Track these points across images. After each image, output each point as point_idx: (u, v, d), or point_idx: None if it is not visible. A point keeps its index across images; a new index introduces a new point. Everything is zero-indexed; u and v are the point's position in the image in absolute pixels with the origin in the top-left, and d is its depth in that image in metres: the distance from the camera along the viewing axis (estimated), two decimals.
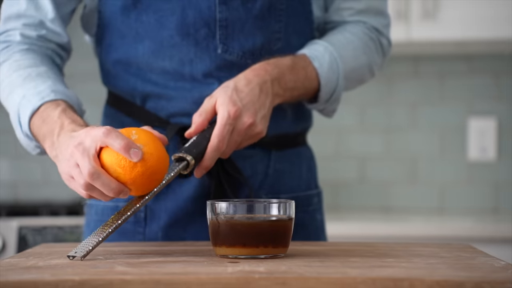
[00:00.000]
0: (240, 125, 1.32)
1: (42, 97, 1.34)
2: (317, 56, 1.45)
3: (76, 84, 2.94)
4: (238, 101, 1.31)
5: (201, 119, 1.32)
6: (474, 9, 2.77)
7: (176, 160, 1.27)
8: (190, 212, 1.46)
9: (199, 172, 1.31)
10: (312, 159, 1.60)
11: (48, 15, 1.45)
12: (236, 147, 1.34)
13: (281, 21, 1.47)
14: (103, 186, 1.15)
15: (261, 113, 1.34)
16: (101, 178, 1.15)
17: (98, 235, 1.16)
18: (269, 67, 1.39)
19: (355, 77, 1.53)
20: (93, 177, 1.15)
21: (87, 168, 1.15)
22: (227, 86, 1.34)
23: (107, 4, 1.46)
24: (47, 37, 1.46)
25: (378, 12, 1.56)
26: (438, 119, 3.12)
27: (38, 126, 1.33)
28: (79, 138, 1.18)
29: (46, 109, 1.33)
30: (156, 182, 1.19)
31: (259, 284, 0.95)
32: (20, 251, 2.58)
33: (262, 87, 1.36)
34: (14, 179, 3.20)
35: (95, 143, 1.16)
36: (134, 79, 1.47)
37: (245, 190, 1.46)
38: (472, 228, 2.63)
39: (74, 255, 1.13)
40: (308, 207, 1.55)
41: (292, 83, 1.41)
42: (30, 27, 1.45)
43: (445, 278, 0.95)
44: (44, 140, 1.31)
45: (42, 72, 1.39)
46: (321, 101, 1.48)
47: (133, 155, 1.15)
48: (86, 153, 1.16)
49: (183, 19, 1.43)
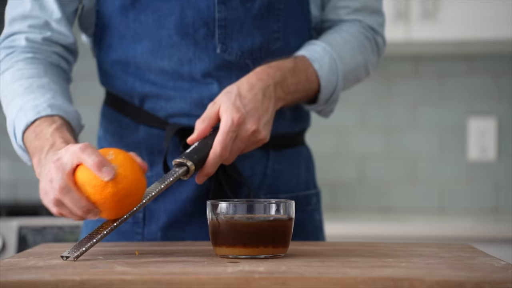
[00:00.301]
0: (244, 132, 1.31)
1: (38, 111, 1.32)
2: (316, 58, 1.45)
3: (75, 84, 2.93)
4: (241, 108, 1.31)
5: (204, 125, 1.31)
6: (474, 9, 2.77)
7: (177, 166, 1.27)
8: (189, 212, 1.46)
9: (201, 179, 1.31)
10: (310, 159, 1.60)
11: (54, 15, 1.44)
12: (238, 154, 1.34)
13: (279, 21, 1.47)
14: (72, 202, 1.14)
15: (264, 119, 1.34)
16: (70, 194, 1.14)
17: (93, 236, 1.16)
18: (272, 71, 1.38)
19: (352, 77, 1.53)
20: (63, 192, 1.14)
21: (58, 182, 1.14)
22: (230, 91, 1.33)
23: (106, 4, 1.45)
24: (53, 39, 1.45)
25: (373, 10, 1.57)
26: (438, 119, 3.12)
27: (30, 140, 1.31)
28: (59, 154, 1.17)
29: (40, 124, 1.31)
30: (129, 206, 1.16)
31: (259, 284, 0.95)
32: (20, 251, 2.58)
33: (265, 92, 1.35)
34: (14, 179, 3.20)
35: (72, 159, 1.15)
36: (132, 79, 1.46)
37: (244, 191, 1.46)
38: (472, 228, 2.63)
39: (67, 256, 1.13)
40: (307, 207, 1.55)
41: (293, 86, 1.41)
42: (35, 29, 1.43)
43: (445, 278, 0.95)
44: (33, 155, 1.30)
45: (44, 84, 1.38)
46: (320, 102, 1.48)
47: (105, 173, 1.12)
48: (61, 168, 1.15)
49: (182, 19, 1.43)
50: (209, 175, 1.30)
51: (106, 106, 1.54)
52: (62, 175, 1.14)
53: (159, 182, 1.23)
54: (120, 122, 1.50)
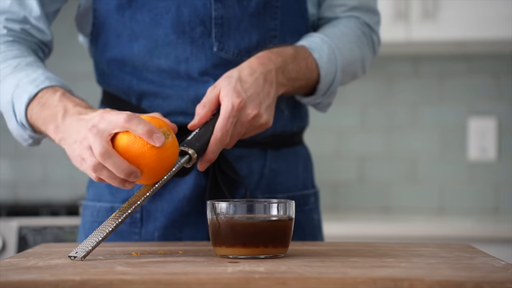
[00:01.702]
0: (244, 117, 1.31)
1: (37, 84, 1.33)
2: (316, 48, 1.45)
3: (73, 84, 2.93)
4: (242, 92, 1.30)
5: (204, 110, 1.30)
6: (474, 9, 2.77)
7: (178, 154, 1.27)
8: (186, 212, 1.46)
9: (203, 165, 1.30)
10: (308, 158, 1.60)
11: (33, 12, 1.43)
12: (240, 138, 1.33)
13: (276, 19, 1.47)
14: (114, 166, 1.17)
15: (266, 104, 1.33)
16: (112, 158, 1.17)
17: (98, 234, 1.16)
18: (273, 56, 1.37)
19: (350, 71, 1.52)
20: (104, 157, 1.17)
21: (98, 148, 1.17)
22: (230, 76, 1.32)
23: (102, 3, 1.45)
24: (31, 31, 1.44)
25: (369, 9, 1.58)
26: (438, 119, 3.12)
27: (37, 112, 1.32)
28: (93, 121, 1.20)
29: (44, 95, 1.32)
30: (168, 168, 1.21)
31: (259, 284, 0.95)
32: (20, 251, 2.58)
33: (266, 77, 1.34)
34: (14, 179, 3.20)
35: (111, 127, 1.18)
36: (129, 77, 1.46)
37: (241, 190, 1.45)
38: (472, 228, 2.63)
39: (75, 255, 1.13)
40: (305, 206, 1.55)
41: (294, 73, 1.40)
42: (13, 21, 1.43)
43: (445, 278, 0.95)
44: (46, 124, 1.30)
45: (31, 62, 1.38)
46: (318, 93, 1.47)
47: (155, 140, 1.17)
48: (99, 134, 1.18)
49: (178, 17, 1.43)
50: (211, 161, 1.30)
51: (103, 105, 1.53)
52: (101, 140, 1.17)
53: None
54: None
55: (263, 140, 1.47)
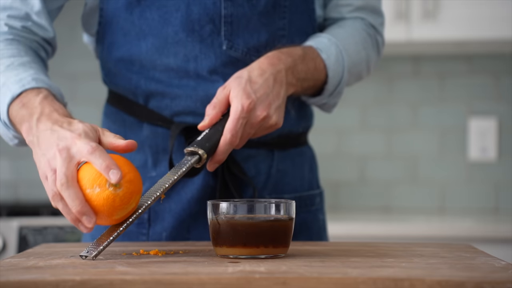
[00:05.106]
0: (254, 118, 1.31)
1: (23, 84, 1.31)
2: (324, 48, 1.45)
3: (75, 84, 2.94)
4: (252, 93, 1.30)
5: (214, 111, 1.30)
6: (474, 9, 2.77)
7: (188, 154, 1.26)
8: (194, 213, 1.46)
9: (212, 166, 1.30)
10: (313, 158, 1.60)
11: (35, 8, 1.42)
12: (249, 138, 1.33)
13: (285, 18, 1.47)
14: (69, 198, 1.13)
15: (275, 104, 1.33)
16: (69, 190, 1.13)
17: (110, 234, 1.16)
18: (283, 56, 1.38)
19: (356, 71, 1.53)
20: (63, 187, 1.13)
21: (62, 176, 1.13)
22: (240, 76, 1.32)
23: (110, 1, 1.45)
24: (32, 29, 1.43)
25: (374, 10, 1.58)
26: (438, 119, 3.12)
27: (16, 110, 1.30)
28: (65, 143, 1.17)
29: (27, 95, 1.30)
30: (123, 215, 1.15)
31: (260, 284, 0.96)
32: (20, 251, 2.58)
33: (276, 77, 1.34)
34: (15, 179, 3.20)
35: (79, 155, 1.15)
36: (137, 77, 1.46)
37: (249, 190, 1.46)
38: (472, 228, 2.63)
39: (86, 255, 1.14)
40: (311, 207, 1.55)
41: (303, 74, 1.40)
42: (15, 18, 1.42)
43: (446, 278, 0.95)
44: (21, 123, 1.28)
45: (25, 62, 1.37)
46: (325, 94, 1.47)
47: (111, 175, 1.12)
48: (67, 160, 1.14)
49: (188, 16, 1.42)
50: (220, 162, 1.30)
51: (109, 105, 1.53)
52: (67, 168, 1.14)
53: (171, 173, 1.22)
54: (124, 121, 1.49)
55: (270, 140, 1.47)
